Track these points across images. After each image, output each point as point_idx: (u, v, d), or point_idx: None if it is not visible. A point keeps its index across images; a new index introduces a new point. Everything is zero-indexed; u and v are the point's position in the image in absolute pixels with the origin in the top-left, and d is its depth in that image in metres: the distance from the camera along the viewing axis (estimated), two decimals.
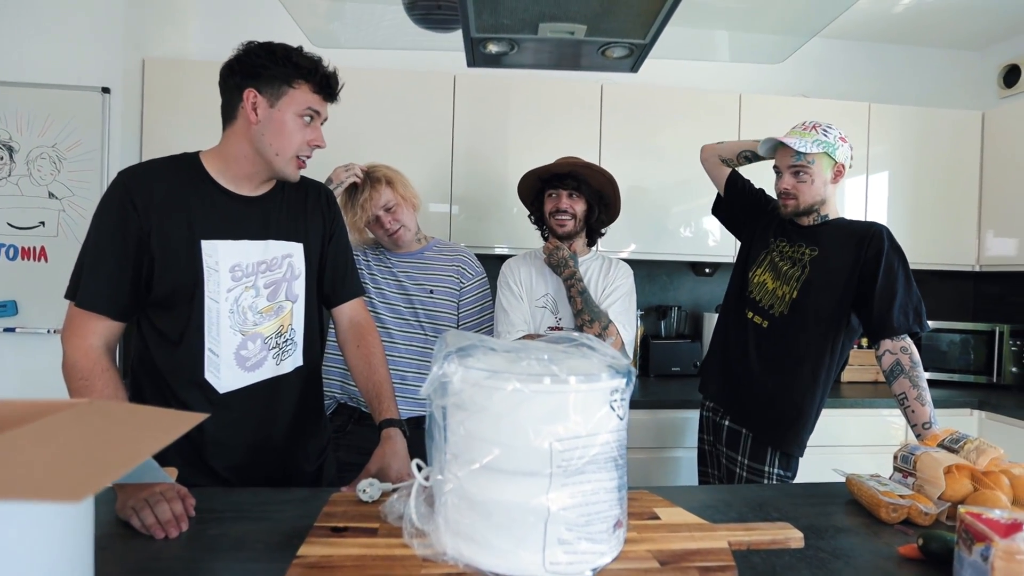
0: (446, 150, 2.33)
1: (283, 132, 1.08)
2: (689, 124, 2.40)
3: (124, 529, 0.88)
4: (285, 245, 1.17)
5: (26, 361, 2.05)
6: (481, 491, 0.66)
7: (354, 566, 0.66)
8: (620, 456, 0.70)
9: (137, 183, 1.06)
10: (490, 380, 0.64)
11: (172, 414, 0.56)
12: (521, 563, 0.65)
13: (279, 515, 0.94)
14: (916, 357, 1.37)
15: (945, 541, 0.83)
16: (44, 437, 0.46)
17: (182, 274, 1.06)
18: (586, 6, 0.75)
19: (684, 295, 2.83)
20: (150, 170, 1.10)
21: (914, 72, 2.91)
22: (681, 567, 0.68)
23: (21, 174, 2.05)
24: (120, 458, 0.45)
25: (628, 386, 0.70)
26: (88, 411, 0.53)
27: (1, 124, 2.03)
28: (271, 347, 1.16)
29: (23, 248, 2.05)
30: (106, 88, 2.06)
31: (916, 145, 2.58)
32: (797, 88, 2.75)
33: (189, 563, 0.79)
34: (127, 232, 1.03)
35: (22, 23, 2.03)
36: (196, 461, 1.10)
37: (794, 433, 1.55)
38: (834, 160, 1.53)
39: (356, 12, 1.10)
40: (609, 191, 1.73)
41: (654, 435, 2.16)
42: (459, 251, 1.84)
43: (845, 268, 1.49)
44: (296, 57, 1.08)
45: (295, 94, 1.08)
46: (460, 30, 0.84)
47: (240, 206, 1.13)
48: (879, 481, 1.07)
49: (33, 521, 0.48)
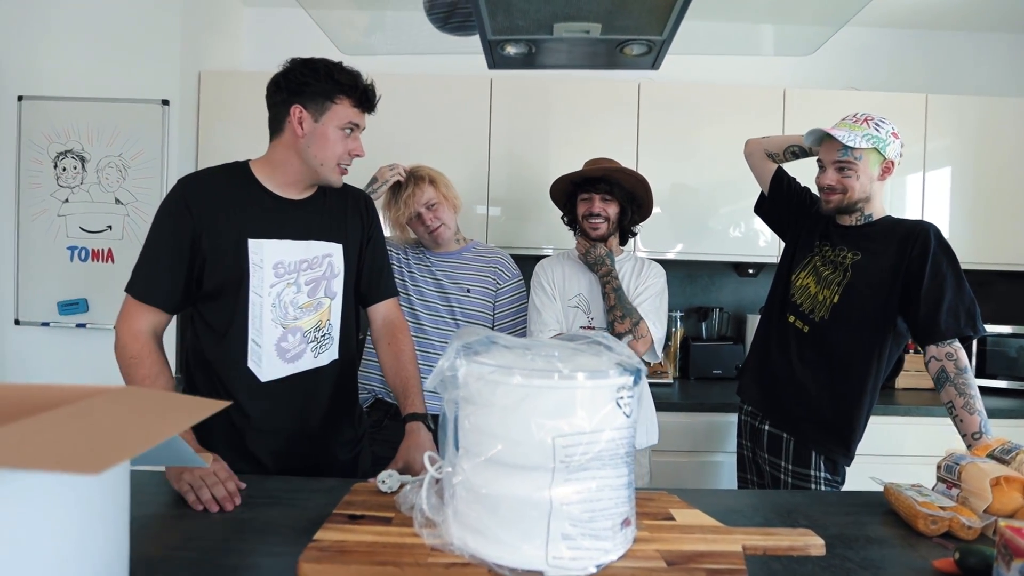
0: (483, 152, 2.36)
1: (327, 144, 1.16)
2: (730, 121, 2.33)
3: (164, 510, 0.94)
4: (325, 245, 1.24)
5: (95, 353, 2.22)
6: (486, 484, 0.67)
7: (365, 551, 0.69)
8: (627, 454, 0.70)
9: (193, 189, 1.17)
10: (495, 375, 0.66)
11: (195, 401, 0.61)
12: (524, 556, 0.65)
13: (307, 503, 0.99)
14: (963, 363, 1.29)
15: (984, 556, 0.78)
16: (75, 417, 0.51)
17: (229, 270, 1.15)
18: (598, 4, 0.75)
19: (727, 296, 2.75)
20: (205, 177, 1.21)
21: (975, 60, 2.72)
22: (688, 568, 0.67)
23: (91, 182, 2.22)
24: (140, 437, 0.49)
25: (636, 385, 0.70)
26: (118, 395, 0.58)
27: (75, 137, 2.21)
28: (309, 340, 1.22)
29: (93, 250, 2.22)
30: (165, 100, 2.20)
31: (979, 137, 2.42)
32: (844, 81, 2.62)
33: (220, 543, 0.84)
34: (181, 233, 1.13)
35: (90, 43, 2.20)
36: (239, 447, 1.18)
37: (841, 441, 1.48)
38: (883, 156, 1.45)
39: (381, 20, 1.15)
40: (641, 192, 1.72)
41: (692, 438, 2.12)
42: (496, 253, 1.87)
43: (889, 270, 1.42)
44: (337, 74, 1.15)
45: (337, 109, 1.16)
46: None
47: (285, 209, 1.21)
48: (920, 491, 1.02)
49: (67, 493, 0.52)
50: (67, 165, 2.22)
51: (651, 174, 2.33)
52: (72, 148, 2.21)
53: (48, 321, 2.22)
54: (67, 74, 2.20)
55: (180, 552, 0.81)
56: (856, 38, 2.68)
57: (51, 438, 0.46)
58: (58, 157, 2.22)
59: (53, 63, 2.20)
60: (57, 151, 2.21)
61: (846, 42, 2.69)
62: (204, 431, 1.18)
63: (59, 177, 2.22)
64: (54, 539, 0.52)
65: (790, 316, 1.59)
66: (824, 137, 1.51)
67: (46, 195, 2.22)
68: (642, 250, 2.39)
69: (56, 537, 0.52)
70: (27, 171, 2.22)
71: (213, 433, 1.13)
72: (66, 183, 2.22)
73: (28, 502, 0.50)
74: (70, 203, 2.22)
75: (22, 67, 2.20)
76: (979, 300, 2.73)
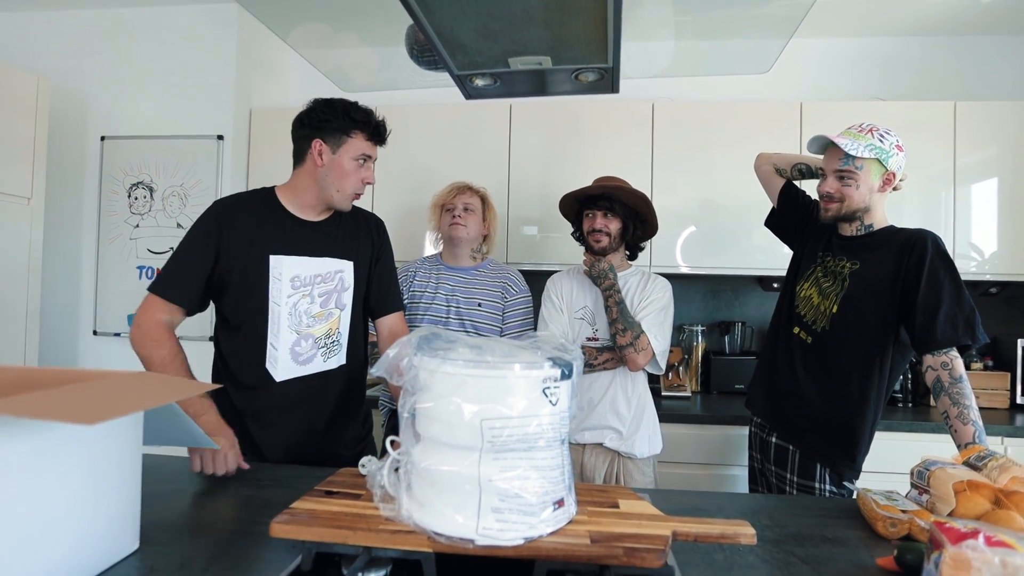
0: (503, 173, 2.49)
1: (343, 174, 1.33)
2: (746, 137, 2.35)
3: (177, 486, 1.10)
4: (338, 262, 1.40)
5: None
6: (428, 461, 0.77)
7: (329, 518, 0.80)
8: (558, 439, 0.78)
9: (225, 210, 1.35)
10: (432, 364, 0.76)
11: (188, 382, 0.75)
12: (458, 526, 0.74)
13: (307, 486, 1.11)
14: (958, 372, 1.27)
15: (920, 552, 0.80)
16: (86, 389, 0.65)
17: (252, 282, 1.31)
18: (541, 40, 0.85)
19: (751, 311, 2.73)
20: (236, 201, 1.39)
21: (1012, 64, 2.60)
22: (608, 545, 0.74)
23: (158, 209, 2.51)
24: (133, 403, 0.63)
25: (566, 378, 0.78)
26: (125, 375, 0.73)
27: (145, 170, 2.52)
28: (320, 346, 1.37)
29: (157, 269, 2.50)
30: (220, 135, 2.48)
31: (1015, 143, 2.31)
32: (861, 93, 2.58)
33: (223, 514, 0.98)
34: (207, 245, 1.30)
35: (158, 87, 2.52)
36: (247, 440, 1.32)
37: (845, 453, 1.47)
38: (885, 168, 1.46)
39: (372, 60, 1.30)
40: (644, 208, 1.78)
41: (707, 451, 2.12)
42: (506, 270, 1.99)
43: (887, 279, 1.41)
44: (353, 112, 1.32)
45: (352, 143, 1.32)
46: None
47: (303, 229, 1.38)
48: (888, 496, 1.03)
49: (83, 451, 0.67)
50: (139, 195, 2.53)
51: (667, 190, 2.40)
52: (143, 180, 2.52)
53: (120, 332, 2.51)
54: (139, 115, 2.53)
55: (187, 519, 0.95)
56: (880, 48, 2.64)
57: (64, 401, 0.60)
58: (131, 188, 2.53)
59: (128, 106, 2.54)
60: (131, 183, 2.53)
61: (869, 53, 2.65)
62: None
63: (131, 205, 2.53)
64: (73, 486, 0.66)
65: (795, 328, 1.59)
66: (828, 145, 1.53)
67: (120, 221, 2.53)
68: (661, 265, 2.43)
69: (74, 484, 0.67)
70: (107, 201, 2.55)
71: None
72: (137, 211, 2.52)
73: (55, 454, 0.65)
74: (140, 228, 2.52)
75: (104, 111, 2.55)
76: None
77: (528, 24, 0.79)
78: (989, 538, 0.68)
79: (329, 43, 1.20)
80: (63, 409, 0.58)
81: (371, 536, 0.76)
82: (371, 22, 1.05)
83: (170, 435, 0.97)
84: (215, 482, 1.13)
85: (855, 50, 2.66)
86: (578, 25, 0.78)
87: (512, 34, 0.83)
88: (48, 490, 0.65)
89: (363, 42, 1.18)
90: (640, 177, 2.35)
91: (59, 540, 0.68)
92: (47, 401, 0.58)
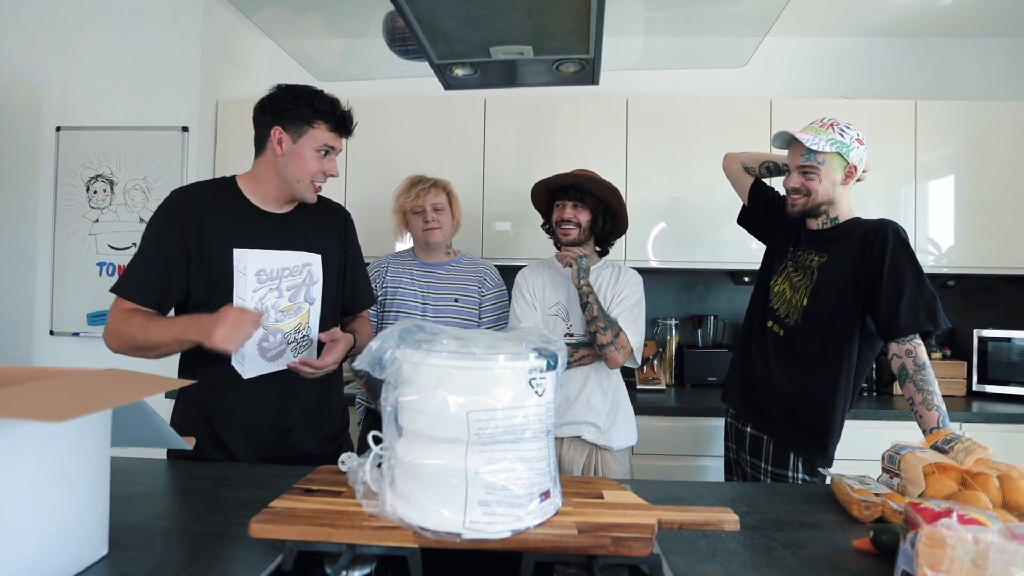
0: (478, 167, 2.48)
1: (302, 164, 1.27)
2: (718, 133, 2.40)
3: (148, 489, 1.05)
4: (305, 255, 1.35)
5: (119, 361, 2.37)
6: (413, 456, 0.76)
7: (311, 516, 0.78)
8: (543, 430, 0.78)
9: (185, 200, 1.29)
10: (416, 356, 0.74)
11: (158, 378, 0.71)
12: (445, 520, 0.73)
13: (283, 485, 1.08)
14: (922, 359, 1.31)
15: (895, 533, 0.82)
16: (55, 386, 0.62)
17: (216, 276, 1.26)
18: (523, 29, 0.84)
19: (723, 304, 2.78)
20: (196, 190, 1.34)
21: (969, 65, 2.71)
22: (595, 535, 0.74)
23: (119, 203, 2.41)
24: (104, 399, 0.60)
25: (551, 369, 0.78)
26: (92, 373, 0.69)
27: (105, 162, 2.41)
28: (290, 341, 1.33)
29: (119, 266, 2.40)
30: (185, 127, 2.39)
31: (972, 142, 2.42)
32: (833, 91, 2.66)
33: (196, 515, 0.94)
34: (171, 237, 1.24)
35: (119, 76, 2.42)
36: (216, 440, 1.28)
37: (817, 442, 1.51)
38: (846, 161, 1.50)
39: (348, 49, 1.27)
40: (614, 202, 1.77)
41: (681, 443, 2.15)
42: (481, 263, 1.97)
43: (852, 270, 1.45)
44: (316, 101, 1.26)
45: (314, 133, 1.27)
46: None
47: (267, 221, 1.33)
48: (861, 481, 1.06)
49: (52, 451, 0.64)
50: (98, 188, 2.42)
51: (641, 185, 2.43)
52: (102, 173, 2.42)
53: (79, 332, 2.40)
54: (98, 105, 2.42)
55: (159, 522, 0.91)
56: (845, 47, 2.72)
57: (28, 398, 0.57)
58: (90, 181, 2.42)
59: (86, 96, 2.43)
60: (89, 176, 2.42)
61: (836, 52, 2.73)
62: (181, 426, 1.29)
63: (91, 199, 2.42)
64: (38, 489, 0.63)
65: (769, 322, 1.63)
66: (791, 140, 1.56)
67: (79, 216, 2.42)
68: (636, 260, 2.45)
69: (39, 487, 0.63)
70: (63, 194, 2.43)
71: (191, 427, 1.24)
72: (97, 205, 2.42)
73: (17, 455, 0.61)
74: (100, 223, 2.42)
75: (59, 101, 2.43)
76: (985, 305, 2.70)
77: (511, 11, 0.78)
78: (962, 516, 0.70)
79: (303, 30, 1.16)
80: (27, 407, 0.54)
81: (355, 533, 0.74)
82: (347, 9, 1.02)
83: (138, 435, 0.93)
84: (186, 483, 1.09)
85: (825, 49, 2.73)
86: (562, 14, 0.77)
87: (494, 21, 0.82)
88: (10, 494, 0.62)
89: (337, 29, 1.15)
90: (615, 172, 2.36)
91: (23, 547, 0.64)
92: (9, 399, 0.55)
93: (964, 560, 0.67)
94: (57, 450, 0.68)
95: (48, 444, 0.66)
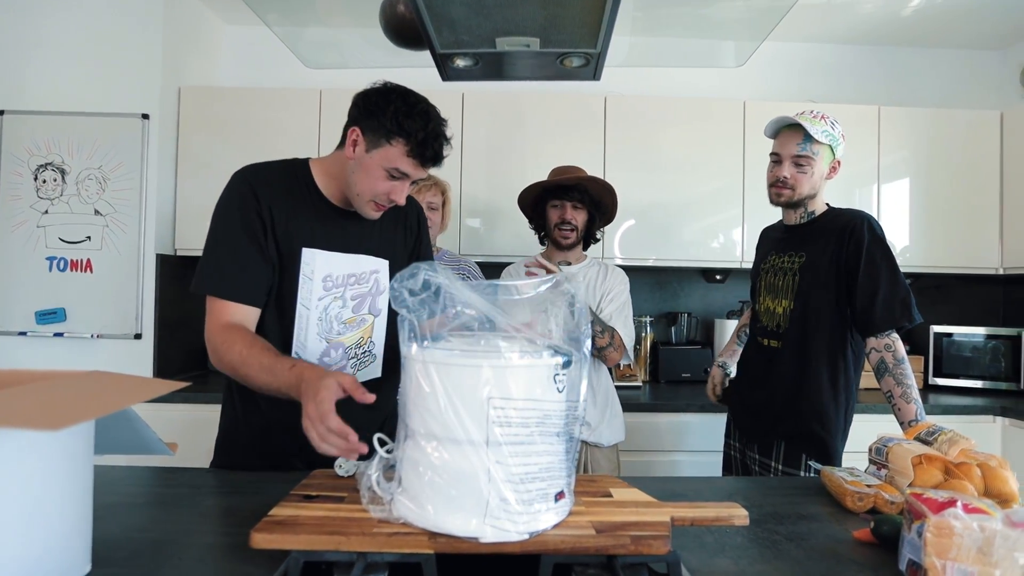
0: (455, 163, 2.44)
1: (367, 178, 1.11)
2: (694, 132, 2.44)
3: (130, 499, 0.98)
4: (374, 261, 1.21)
5: (72, 362, 2.25)
6: (429, 457, 0.73)
7: (316, 524, 0.74)
8: (563, 430, 0.76)
9: (258, 179, 1.13)
10: (434, 355, 0.72)
11: (152, 381, 0.66)
12: (461, 524, 0.71)
13: (274, 491, 1.03)
14: (900, 354, 1.36)
15: (896, 524, 0.84)
16: (44, 390, 0.56)
17: (280, 280, 1.12)
18: (534, 20, 0.82)
19: (695, 302, 2.84)
20: (267, 172, 1.16)
21: (928, 74, 2.86)
22: (614, 535, 0.73)
23: (71, 194, 2.26)
24: (99, 405, 0.55)
25: (568, 367, 0.76)
26: (76, 376, 0.63)
27: (55, 149, 2.25)
28: (351, 356, 1.19)
29: (72, 260, 2.25)
30: (145, 114, 2.26)
31: (930, 146, 2.54)
32: (802, 95, 2.75)
33: (184, 526, 0.88)
34: (254, 221, 1.09)
35: (72, 59, 2.26)
36: (263, 449, 1.17)
37: (823, 440, 1.48)
38: (834, 155, 1.52)
39: (341, 37, 1.22)
40: (608, 200, 1.78)
41: (660, 438, 2.18)
42: (465, 262, 1.95)
43: (831, 266, 1.47)
44: (405, 117, 1.07)
45: (389, 150, 1.09)
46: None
47: (339, 219, 1.18)
48: (852, 473, 1.08)
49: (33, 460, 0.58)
50: (47, 177, 2.26)
51: (618, 183, 2.43)
52: (52, 161, 2.26)
53: (25, 330, 2.24)
54: (48, 89, 2.25)
55: (143, 534, 0.85)
56: (816, 53, 2.82)
57: (21, 404, 0.51)
58: (38, 170, 2.26)
59: (35, 78, 2.26)
60: (37, 164, 2.26)
61: (807, 58, 2.82)
62: (228, 438, 1.19)
63: (39, 189, 2.26)
64: (15, 502, 0.57)
65: (764, 340, 1.61)
66: (782, 129, 1.55)
67: (26, 207, 2.26)
68: (616, 257, 2.46)
69: (16, 500, 0.57)
70: (7, 183, 2.26)
71: (238, 440, 1.16)
72: (46, 195, 2.26)
73: None
74: (49, 214, 2.26)
75: (3, 82, 2.25)
76: (938, 303, 2.83)
77: (524, 1, 0.76)
78: (966, 506, 0.72)
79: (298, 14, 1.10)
80: (17, 414, 0.49)
81: (367, 540, 0.71)
82: None
83: (119, 441, 0.86)
84: (164, 491, 1.02)
85: (797, 55, 2.82)
86: (576, 5, 0.75)
87: (505, 11, 0.79)
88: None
89: (333, 14, 1.10)
90: (594, 169, 2.36)
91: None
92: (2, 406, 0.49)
93: (971, 548, 0.69)
94: (36, 460, 0.62)
95: (28, 453, 0.60)
